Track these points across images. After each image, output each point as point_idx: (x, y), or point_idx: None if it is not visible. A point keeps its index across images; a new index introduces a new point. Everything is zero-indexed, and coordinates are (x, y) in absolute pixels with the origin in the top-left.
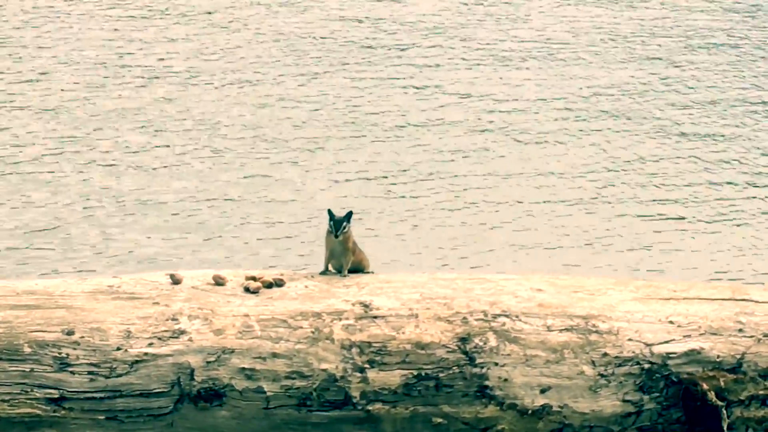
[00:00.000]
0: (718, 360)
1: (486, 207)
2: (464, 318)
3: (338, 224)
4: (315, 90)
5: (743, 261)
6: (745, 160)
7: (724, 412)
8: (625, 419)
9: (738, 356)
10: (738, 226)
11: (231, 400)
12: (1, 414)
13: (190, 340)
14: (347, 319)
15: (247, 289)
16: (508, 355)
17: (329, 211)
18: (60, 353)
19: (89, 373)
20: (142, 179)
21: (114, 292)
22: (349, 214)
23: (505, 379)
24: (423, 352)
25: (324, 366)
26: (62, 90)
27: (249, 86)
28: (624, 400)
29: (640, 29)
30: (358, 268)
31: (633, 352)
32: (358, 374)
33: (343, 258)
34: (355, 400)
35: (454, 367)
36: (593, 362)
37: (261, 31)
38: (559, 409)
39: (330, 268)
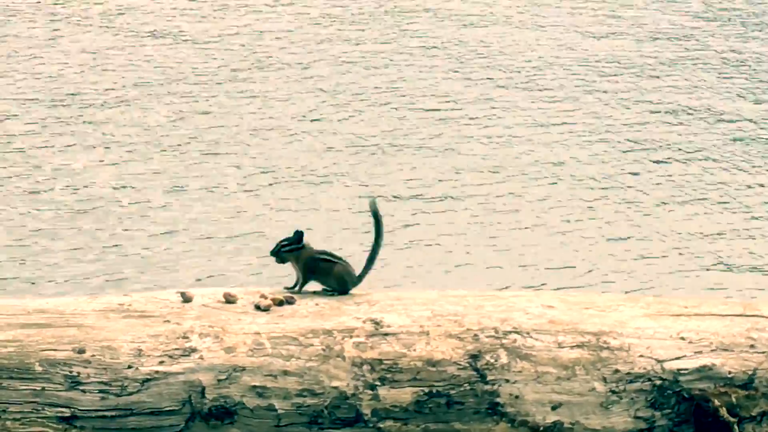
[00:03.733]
0: (729, 376)
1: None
2: (475, 335)
3: (276, 245)
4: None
5: (754, 277)
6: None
7: (736, 428)
8: None
9: (750, 372)
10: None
11: (242, 418)
12: None
13: (201, 358)
14: (358, 336)
15: (257, 307)
16: (520, 372)
17: (297, 232)
18: (71, 372)
19: (100, 391)
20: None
21: (125, 310)
22: (297, 234)
23: (517, 396)
24: (434, 369)
25: (335, 383)
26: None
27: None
28: (636, 417)
29: None
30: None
31: (644, 369)
32: (369, 392)
33: (300, 275)
34: (366, 418)
35: (465, 384)
36: (604, 379)
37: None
38: (570, 426)
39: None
